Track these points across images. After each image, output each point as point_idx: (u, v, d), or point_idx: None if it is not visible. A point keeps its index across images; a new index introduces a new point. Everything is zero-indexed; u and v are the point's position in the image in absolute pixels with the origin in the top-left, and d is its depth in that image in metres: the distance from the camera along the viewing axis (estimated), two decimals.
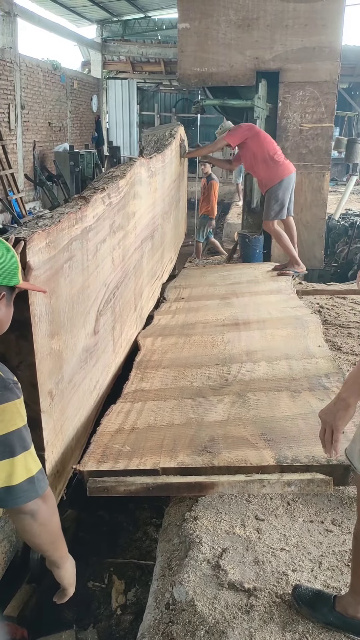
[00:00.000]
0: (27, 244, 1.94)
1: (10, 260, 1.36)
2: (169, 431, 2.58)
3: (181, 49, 6.05)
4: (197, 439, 2.48)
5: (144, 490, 2.21)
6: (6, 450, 1.23)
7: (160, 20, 17.88)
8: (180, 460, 2.32)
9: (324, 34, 5.84)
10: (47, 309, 2.16)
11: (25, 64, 12.09)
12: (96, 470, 2.27)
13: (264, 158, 5.30)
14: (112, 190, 3.12)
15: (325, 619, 1.74)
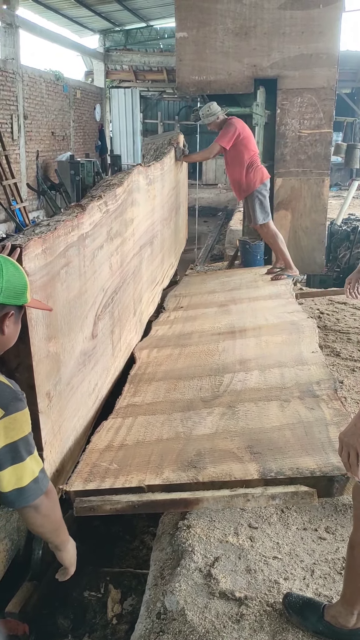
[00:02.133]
0: (23, 251, 1.97)
1: (20, 281, 1.44)
2: (157, 447, 2.57)
3: (179, 58, 6.09)
4: (184, 453, 2.47)
5: (129, 509, 2.21)
6: (16, 455, 1.33)
7: (162, 29, 18.00)
8: (165, 477, 2.31)
9: (321, 40, 5.87)
10: (44, 313, 2.19)
11: (28, 74, 12.19)
12: (82, 490, 2.27)
13: (248, 163, 5.30)
14: (109, 197, 3.15)
15: (314, 627, 1.73)
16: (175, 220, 5.86)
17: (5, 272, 1.39)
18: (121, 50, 18.02)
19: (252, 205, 5.45)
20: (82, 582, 2.59)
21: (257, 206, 5.42)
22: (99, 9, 15.09)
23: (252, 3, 5.84)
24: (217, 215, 14.08)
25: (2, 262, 1.42)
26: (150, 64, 17.95)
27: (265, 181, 5.42)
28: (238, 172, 5.35)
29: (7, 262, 1.44)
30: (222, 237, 11.07)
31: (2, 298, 1.38)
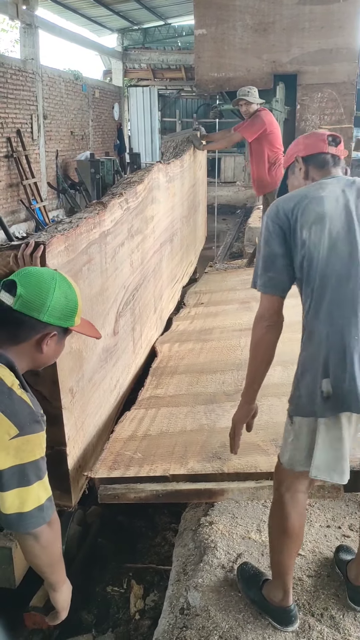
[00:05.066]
0: (47, 248, 1.99)
1: (72, 303, 1.40)
2: (180, 438, 2.58)
3: (198, 55, 6.08)
4: (208, 445, 2.48)
5: (153, 497, 2.22)
6: (23, 479, 1.27)
7: (180, 27, 17.97)
8: (190, 467, 2.32)
9: (341, 35, 5.81)
10: None
11: (47, 74, 12.27)
12: (107, 477, 2.29)
13: (271, 160, 5.19)
14: (130, 195, 3.16)
15: (252, 596, 1.86)
16: (195, 217, 5.86)
17: (57, 291, 1.36)
18: (139, 49, 18.04)
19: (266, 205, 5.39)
20: (105, 578, 2.61)
21: None
22: (117, 8, 15.12)
23: None
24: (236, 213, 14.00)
25: (57, 279, 1.38)
26: (169, 62, 17.93)
27: None
28: (262, 168, 5.25)
29: (62, 281, 1.40)
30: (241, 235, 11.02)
31: (47, 317, 1.35)
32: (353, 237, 1.59)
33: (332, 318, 1.58)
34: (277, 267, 1.67)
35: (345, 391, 1.56)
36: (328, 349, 1.59)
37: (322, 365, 1.60)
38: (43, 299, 1.33)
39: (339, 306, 1.57)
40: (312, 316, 1.63)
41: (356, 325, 1.56)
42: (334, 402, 1.57)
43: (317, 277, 1.60)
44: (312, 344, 1.63)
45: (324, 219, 1.61)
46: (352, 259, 1.57)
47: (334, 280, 1.58)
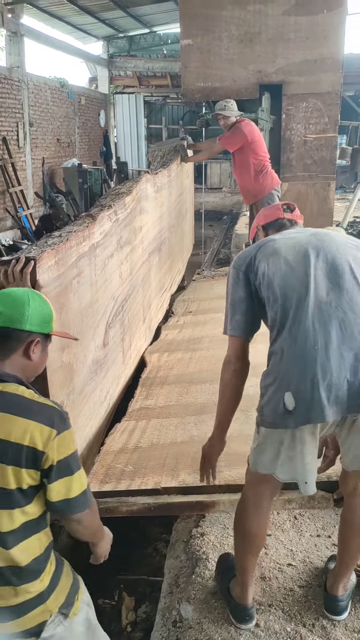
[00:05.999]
0: (37, 263, 2.00)
1: (46, 311, 1.56)
2: (171, 449, 2.59)
3: (185, 65, 6.12)
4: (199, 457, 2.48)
5: (145, 510, 2.23)
6: (67, 469, 1.44)
7: (165, 35, 18.06)
8: (181, 479, 2.33)
9: (326, 46, 5.89)
10: (57, 324, 2.20)
11: (33, 82, 12.26)
12: (99, 491, 2.29)
13: (257, 168, 5.18)
14: (119, 207, 3.18)
15: (220, 587, 1.96)
16: (182, 226, 5.89)
17: (32, 302, 1.51)
18: (125, 56, 18.09)
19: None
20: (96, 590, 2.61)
21: None
22: (102, 16, 15.16)
23: (256, 10, 5.87)
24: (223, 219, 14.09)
25: (29, 294, 1.54)
26: (154, 69, 18.00)
27: (276, 187, 5.31)
28: (246, 178, 5.25)
29: (33, 294, 1.56)
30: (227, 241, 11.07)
31: (28, 325, 1.49)
32: (307, 259, 1.71)
33: (293, 333, 1.65)
34: (241, 310, 1.81)
35: (307, 403, 1.60)
36: (289, 362, 1.65)
37: (284, 379, 1.65)
38: (22, 311, 1.48)
39: (300, 322, 1.65)
40: (275, 334, 1.71)
41: (314, 337, 1.62)
42: (297, 415, 1.62)
43: (279, 299, 1.69)
44: (275, 358, 1.70)
45: (279, 250, 1.76)
46: (307, 280, 1.68)
47: (294, 299, 1.67)
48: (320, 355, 1.61)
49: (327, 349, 1.61)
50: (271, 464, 1.71)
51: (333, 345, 1.62)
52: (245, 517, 1.83)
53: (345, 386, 1.60)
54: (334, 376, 1.60)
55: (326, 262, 1.71)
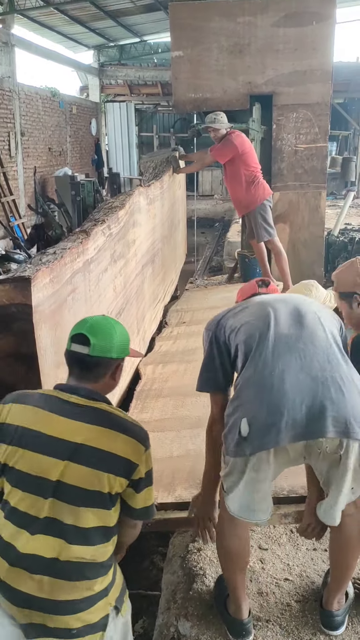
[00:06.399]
0: (32, 282, 2.01)
1: (127, 338, 1.77)
2: (167, 464, 2.60)
3: (175, 76, 6.16)
4: (196, 471, 2.50)
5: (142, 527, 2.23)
6: (149, 481, 1.68)
7: (155, 44, 18.17)
8: (178, 495, 2.33)
9: (315, 57, 5.94)
10: (53, 341, 2.23)
11: (24, 92, 12.30)
12: None
13: (248, 179, 5.22)
14: (112, 221, 3.20)
15: (217, 601, 1.99)
16: (175, 236, 5.92)
17: (117, 333, 1.71)
18: (116, 65, 18.17)
19: (255, 223, 5.39)
20: None
21: (260, 223, 5.36)
22: (93, 26, 15.25)
23: (246, 21, 5.92)
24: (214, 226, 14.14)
25: (114, 325, 1.74)
26: (145, 78, 18.09)
27: (268, 197, 5.35)
28: (238, 189, 5.28)
29: (117, 324, 1.76)
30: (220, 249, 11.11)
31: (116, 354, 1.69)
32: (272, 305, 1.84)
33: (254, 364, 1.72)
34: (210, 367, 1.95)
35: (261, 428, 1.63)
36: (247, 390, 1.71)
37: (242, 406, 1.70)
38: (111, 342, 1.68)
39: (260, 353, 1.72)
40: (240, 369, 1.79)
41: (272, 364, 1.68)
42: (251, 441, 1.64)
43: (243, 338, 1.79)
44: (237, 389, 1.76)
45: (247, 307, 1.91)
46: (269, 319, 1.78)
47: (256, 336, 1.76)
48: (277, 381, 1.65)
49: (284, 375, 1.65)
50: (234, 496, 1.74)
51: (291, 372, 1.66)
52: (223, 537, 1.86)
53: (304, 410, 1.62)
54: (290, 400, 1.62)
55: (289, 307, 1.83)
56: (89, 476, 1.57)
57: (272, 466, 1.70)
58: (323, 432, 1.61)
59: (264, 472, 1.69)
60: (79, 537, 1.56)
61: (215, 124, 5.18)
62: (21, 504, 1.58)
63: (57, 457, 1.58)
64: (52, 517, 1.56)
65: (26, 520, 1.57)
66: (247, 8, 5.89)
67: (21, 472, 1.59)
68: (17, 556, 1.55)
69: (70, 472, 1.57)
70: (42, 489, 1.57)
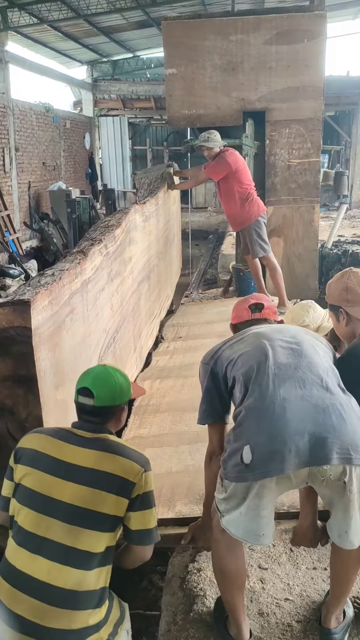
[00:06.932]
0: (31, 305, 2.02)
1: (127, 383, 1.90)
2: (167, 480, 2.60)
3: (169, 93, 6.23)
4: (195, 486, 2.51)
5: None
6: (148, 503, 1.75)
7: (148, 59, 18.34)
8: (177, 510, 2.34)
9: (307, 74, 6.03)
10: (52, 362, 2.24)
11: (18, 108, 12.37)
12: None
13: (243, 196, 5.28)
14: (109, 240, 3.22)
15: (216, 623, 1.99)
16: (170, 252, 5.95)
17: (119, 382, 1.85)
18: (109, 80, 18.31)
19: (250, 239, 5.44)
20: None
21: (255, 239, 5.40)
22: (86, 42, 15.38)
23: (238, 39, 6.01)
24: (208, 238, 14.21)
25: (115, 375, 1.86)
26: (138, 92, 18.23)
27: (262, 214, 5.41)
28: (233, 205, 5.34)
29: (116, 372, 1.88)
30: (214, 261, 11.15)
31: (119, 401, 1.85)
32: (268, 337, 1.87)
33: (254, 393, 1.73)
34: (207, 399, 2.00)
35: (264, 456, 1.64)
36: (249, 418, 1.71)
37: (243, 433, 1.71)
38: (112, 391, 1.83)
39: (260, 383, 1.74)
40: (240, 399, 1.80)
41: (273, 393, 1.69)
42: (254, 469, 1.66)
43: (242, 369, 1.81)
44: (238, 417, 1.77)
45: (243, 339, 1.94)
46: (266, 350, 1.80)
47: (255, 366, 1.78)
48: (278, 409, 1.66)
49: (285, 404, 1.66)
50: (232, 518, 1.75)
51: (292, 401, 1.67)
52: (219, 557, 1.86)
53: (307, 438, 1.63)
54: (293, 428, 1.63)
55: (285, 337, 1.86)
56: (85, 495, 1.68)
57: (274, 492, 1.72)
58: (327, 460, 1.62)
59: (266, 498, 1.70)
60: (73, 559, 1.62)
61: (209, 142, 5.24)
62: (26, 523, 1.68)
63: (59, 476, 1.71)
64: (51, 539, 1.64)
65: (28, 538, 1.66)
66: (239, 26, 5.99)
67: (29, 489, 1.72)
68: (16, 575, 1.63)
69: (69, 491, 1.68)
70: (47, 508, 1.68)
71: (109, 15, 12.88)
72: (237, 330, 2.15)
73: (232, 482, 1.73)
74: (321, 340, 1.96)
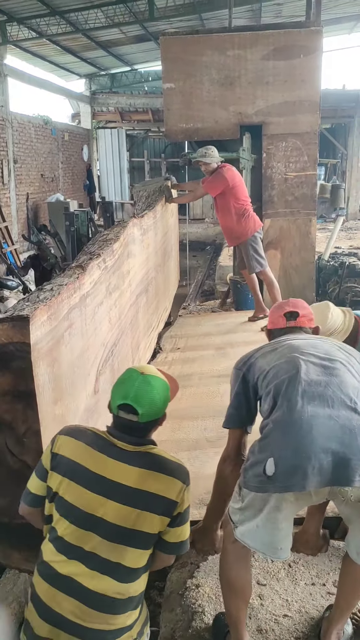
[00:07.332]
0: (31, 321, 2.01)
1: (167, 389, 1.85)
2: None
3: (167, 107, 6.28)
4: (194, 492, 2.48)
5: None
6: (187, 518, 1.76)
7: (146, 72, 18.53)
8: None
9: (304, 88, 6.09)
10: (50, 378, 2.24)
11: (17, 120, 12.46)
12: None
13: (239, 212, 5.32)
14: (107, 254, 3.22)
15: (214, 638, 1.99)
16: (168, 264, 5.97)
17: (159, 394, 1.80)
18: (107, 93, 18.48)
19: (246, 254, 5.47)
20: None
21: (252, 254, 5.43)
22: (84, 55, 15.53)
23: (236, 55, 6.08)
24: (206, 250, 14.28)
25: (152, 383, 1.79)
26: (136, 105, 18.39)
27: (258, 230, 5.45)
28: (229, 220, 5.38)
29: (155, 381, 1.81)
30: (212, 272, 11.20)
31: (161, 412, 1.82)
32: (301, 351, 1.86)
33: (283, 407, 1.73)
34: (235, 404, 2.00)
35: (288, 471, 1.63)
36: (275, 431, 1.71)
37: (268, 445, 1.71)
38: (156, 406, 1.79)
39: (290, 398, 1.73)
40: (268, 411, 1.80)
41: (301, 409, 1.69)
42: (276, 481, 1.65)
43: (272, 381, 1.81)
44: (264, 429, 1.77)
45: (277, 349, 1.94)
46: (298, 364, 1.80)
47: (285, 380, 1.78)
48: (306, 426, 1.65)
49: (313, 421, 1.66)
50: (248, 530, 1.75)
51: (319, 418, 1.66)
52: (227, 569, 1.87)
53: (330, 457, 1.62)
54: (318, 446, 1.63)
55: (319, 352, 1.84)
56: (129, 515, 1.66)
57: (294, 507, 1.72)
58: (349, 481, 1.61)
59: (285, 512, 1.70)
60: (118, 574, 1.63)
61: (206, 158, 5.29)
62: (67, 535, 1.68)
63: (101, 494, 1.68)
64: (96, 553, 1.64)
65: (70, 549, 1.66)
66: (237, 42, 6.06)
67: (69, 503, 1.69)
68: (56, 576, 1.64)
69: (112, 510, 1.66)
70: (88, 524, 1.66)
71: (108, 30, 13.02)
72: (272, 335, 2.15)
73: (251, 491, 1.72)
74: (355, 357, 1.92)
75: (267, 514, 1.70)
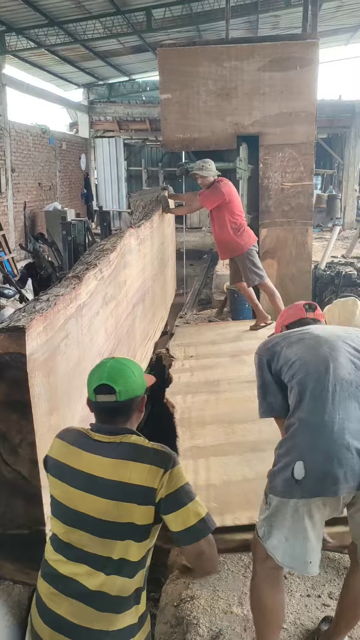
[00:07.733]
0: (27, 331, 2.02)
1: (141, 370, 1.81)
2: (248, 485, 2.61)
3: (164, 117, 6.32)
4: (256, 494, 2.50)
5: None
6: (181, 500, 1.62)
7: (144, 82, 18.63)
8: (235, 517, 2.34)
9: (300, 99, 6.14)
10: (46, 388, 2.24)
11: (15, 129, 12.51)
12: None
13: (233, 227, 5.34)
14: (104, 264, 3.23)
15: None
16: (165, 273, 5.98)
17: (133, 371, 1.74)
18: (105, 102, 18.58)
19: (244, 268, 5.49)
20: None
21: (250, 267, 5.44)
22: (82, 65, 15.62)
23: (232, 66, 6.13)
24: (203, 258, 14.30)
25: (127, 363, 1.77)
26: (134, 114, 18.49)
27: (254, 244, 5.49)
28: (225, 234, 5.39)
29: (129, 362, 1.78)
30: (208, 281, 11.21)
31: (139, 391, 1.76)
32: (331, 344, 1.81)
33: (311, 407, 1.70)
34: (272, 391, 1.92)
35: (318, 475, 1.61)
36: (304, 433, 1.68)
37: (297, 449, 1.67)
38: (133, 382, 1.73)
39: (318, 397, 1.69)
40: (294, 407, 1.76)
41: (332, 411, 1.66)
42: (305, 486, 1.63)
43: (299, 375, 1.76)
44: (291, 429, 1.73)
45: (304, 338, 1.87)
46: (328, 360, 1.75)
47: (314, 376, 1.73)
48: (337, 429, 1.61)
49: (344, 424, 1.62)
50: (278, 542, 1.69)
51: (351, 421, 1.62)
52: (259, 591, 1.79)
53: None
54: (351, 451, 1.59)
55: (349, 348, 1.78)
56: (110, 508, 1.62)
57: (322, 514, 1.67)
58: None
59: (314, 518, 1.66)
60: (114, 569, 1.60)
61: (203, 171, 5.32)
62: (60, 534, 1.69)
63: (81, 489, 1.67)
64: (87, 550, 1.63)
65: (65, 548, 1.66)
66: (233, 53, 6.11)
67: (57, 501, 1.71)
68: (56, 577, 1.65)
69: (93, 504, 1.64)
70: (75, 521, 1.66)
71: (106, 41, 13.11)
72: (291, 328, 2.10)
73: (277, 496, 1.68)
74: None
75: (296, 522, 1.65)
